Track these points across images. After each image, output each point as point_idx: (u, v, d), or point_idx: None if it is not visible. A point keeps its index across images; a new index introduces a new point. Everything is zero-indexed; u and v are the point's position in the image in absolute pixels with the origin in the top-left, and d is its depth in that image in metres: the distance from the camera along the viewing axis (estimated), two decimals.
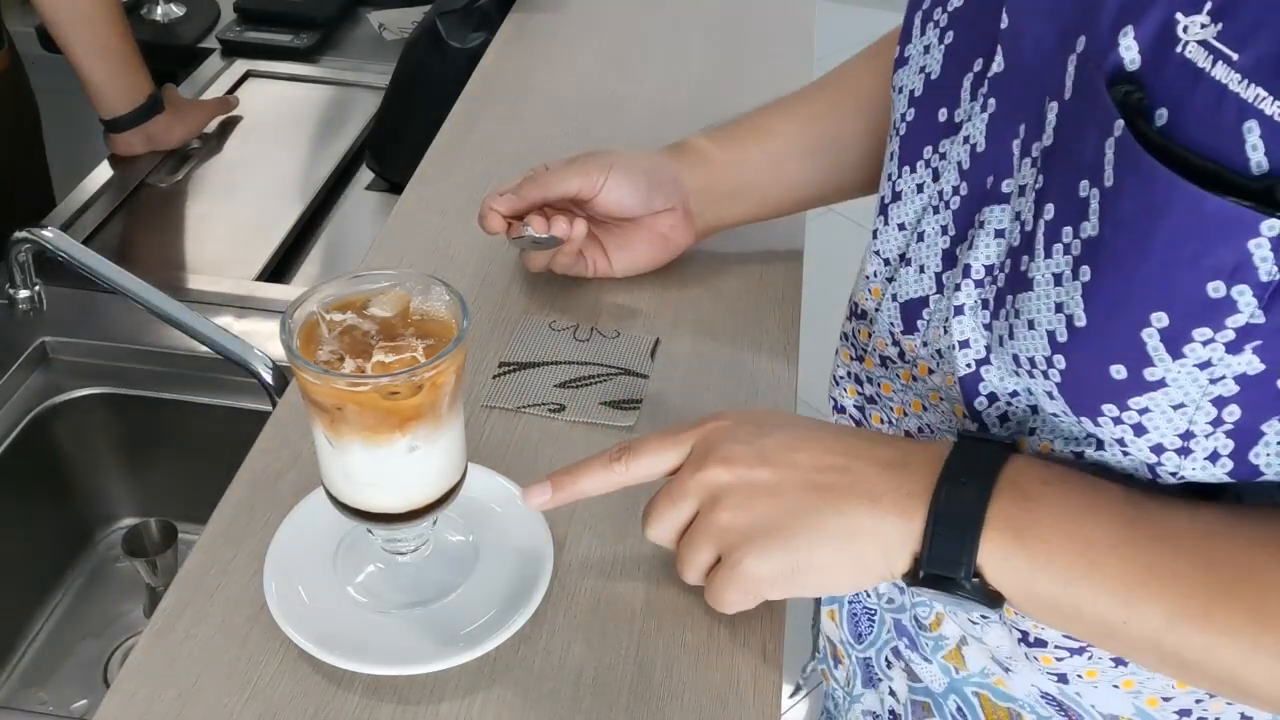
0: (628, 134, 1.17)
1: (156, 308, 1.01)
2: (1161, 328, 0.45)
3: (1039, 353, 0.51)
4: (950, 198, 0.58)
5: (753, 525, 0.55)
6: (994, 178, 0.55)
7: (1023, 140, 0.53)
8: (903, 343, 0.64)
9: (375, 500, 0.65)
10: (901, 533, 0.53)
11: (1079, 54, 0.49)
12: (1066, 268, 0.48)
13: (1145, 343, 0.46)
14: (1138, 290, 0.45)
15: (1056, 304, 0.49)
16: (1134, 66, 0.45)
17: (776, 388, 0.86)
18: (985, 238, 0.55)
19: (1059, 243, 0.49)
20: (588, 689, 0.65)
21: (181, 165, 1.42)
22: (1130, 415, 0.48)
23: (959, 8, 0.59)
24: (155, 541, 1.14)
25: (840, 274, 0.74)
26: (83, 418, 1.16)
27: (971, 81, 0.57)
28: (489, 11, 1.34)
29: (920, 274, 0.61)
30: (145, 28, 1.70)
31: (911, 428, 0.66)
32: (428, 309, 0.63)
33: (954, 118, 0.58)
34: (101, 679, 1.11)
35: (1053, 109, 0.50)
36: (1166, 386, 0.46)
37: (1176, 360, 0.45)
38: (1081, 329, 0.48)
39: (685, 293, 0.95)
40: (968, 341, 0.57)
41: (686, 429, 0.60)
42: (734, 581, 0.57)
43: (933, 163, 0.60)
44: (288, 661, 0.65)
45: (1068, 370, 0.50)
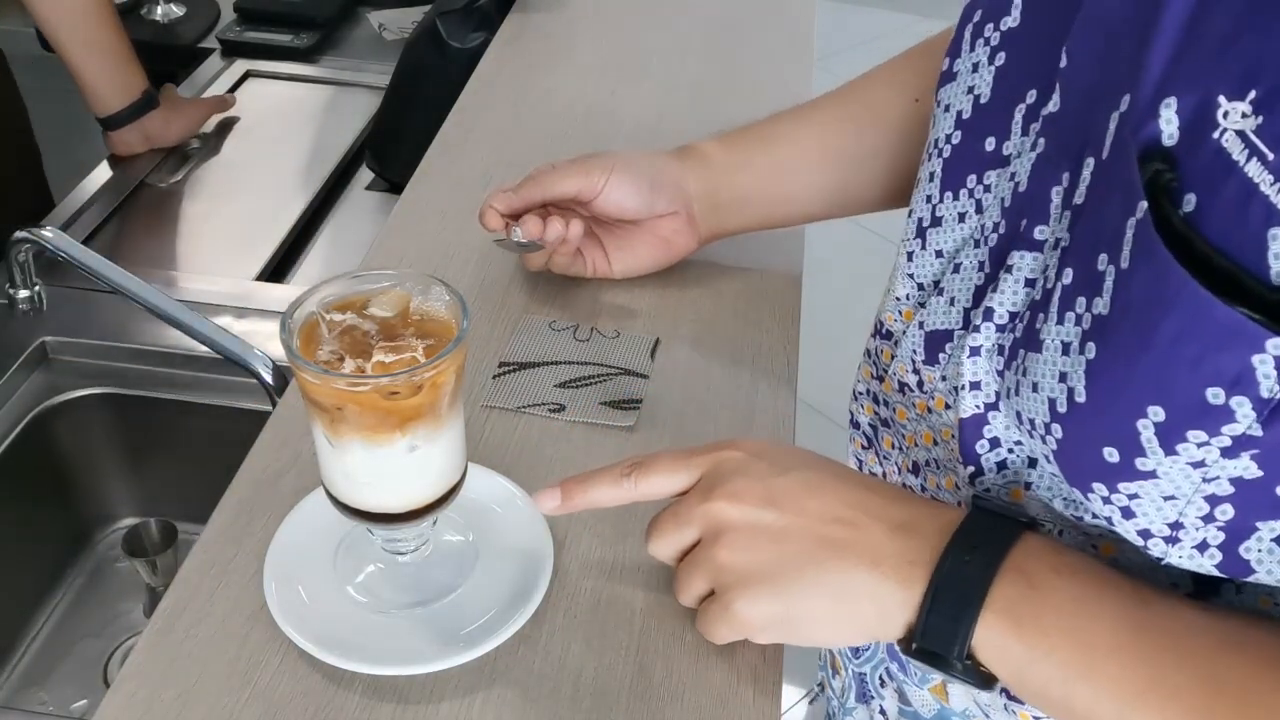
0: (628, 134, 1.17)
1: (156, 308, 1.00)
2: (1157, 422, 0.44)
3: (1039, 416, 0.50)
4: (990, 234, 0.57)
5: (750, 568, 0.55)
6: (1028, 221, 0.53)
7: (1064, 190, 0.51)
8: (923, 372, 0.63)
9: (375, 500, 0.65)
10: (899, 600, 0.51)
11: (1121, 113, 0.46)
12: (1075, 339, 0.47)
13: (1140, 433, 0.44)
14: (1137, 380, 0.44)
15: (1061, 373, 0.48)
16: (1171, 142, 0.42)
17: (776, 388, 0.86)
18: (1013, 283, 0.53)
19: (1072, 311, 0.47)
20: (588, 689, 0.65)
21: (181, 165, 1.42)
22: (1119, 498, 0.47)
23: (1013, 29, 0.57)
24: (155, 541, 1.14)
25: (840, 274, 0.74)
26: (83, 418, 1.16)
27: (1024, 115, 0.55)
28: (489, 11, 1.34)
29: (950, 306, 0.60)
30: (145, 28, 1.70)
31: (920, 459, 0.65)
32: (428, 309, 0.63)
33: (1002, 150, 0.56)
34: (101, 679, 1.11)
35: (1089, 165, 0.49)
36: (1158, 478, 0.45)
37: (1169, 456, 0.44)
38: (1080, 404, 0.47)
39: (685, 293, 0.95)
40: (979, 384, 0.56)
41: (700, 452, 0.59)
42: (724, 619, 0.57)
43: (976, 193, 0.58)
44: (288, 661, 0.65)
45: (1064, 441, 0.49)
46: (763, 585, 0.54)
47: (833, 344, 2.45)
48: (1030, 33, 0.56)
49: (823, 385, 2.18)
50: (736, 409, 0.84)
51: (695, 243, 0.90)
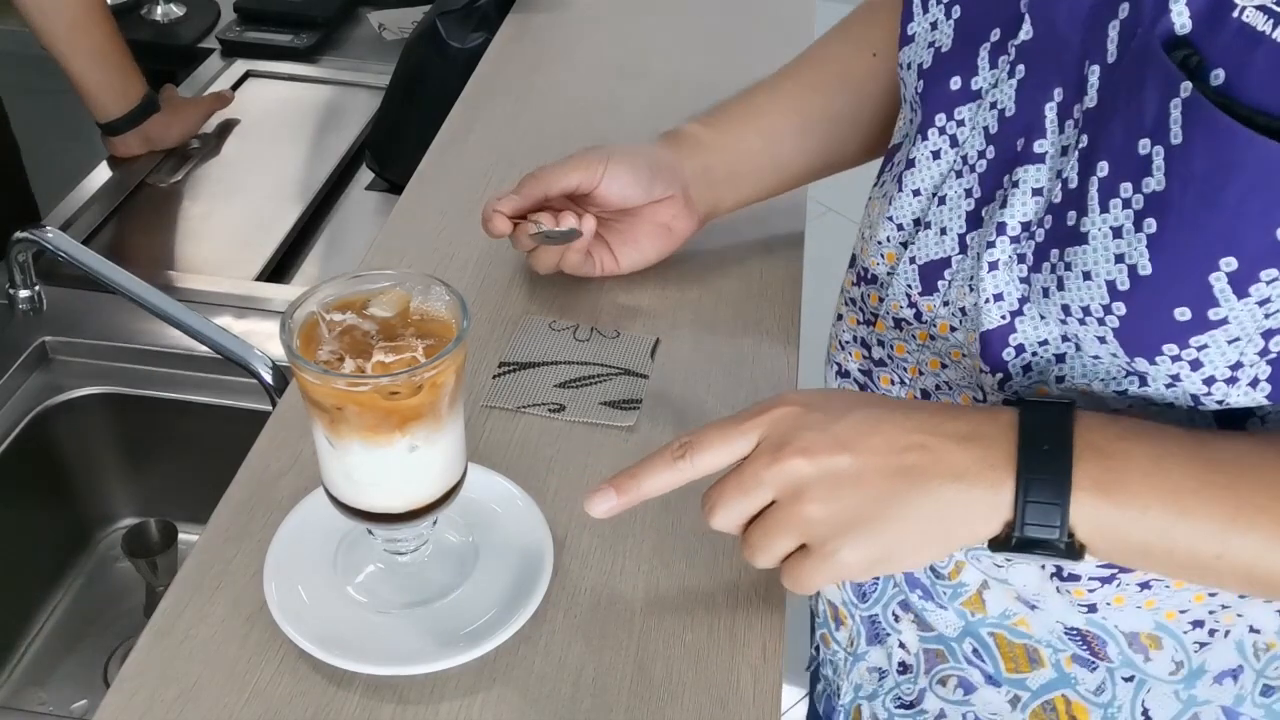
0: (628, 134, 1.16)
1: (156, 308, 1.00)
2: (1230, 271, 0.48)
3: (1095, 301, 0.53)
4: (975, 161, 0.60)
5: (842, 515, 0.55)
6: (1024, 140, 0.57)
7: (1059, 104, 0.56)
8: (920, 304, 0.65)
9: (375, 500, 0.65)
10: (990, 504, 0.53)
11: (1122, 20, 0.52)
12: (1127, 221, 0.51)
13: (1213, 286, 0.49)
14: (1208, 239, 0.48)
15: (1117, 255, 0.52)
16: (1185, 31, 0.48)
17: (777, 388, 0.86)
18: (1021, 196, 0.57)
19: (1117, 198, 0.51)
20: (588, 689, 0.65)
21: (181, 165, 1.42)
22: (1189, 353, 0.52)
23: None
24: (155, 541, 1.14)
25: (840, 274, 0.74)
26: (83, 418, 1.16)
27: (990, 50, 0.59)
28: (489, 11, 1.34)
29: (941, 236, 0.63)
30: (145, 28, 1.70)
31: (929, 386, 0.67)
32: (428, 309, 0.63)
33: (970, 85, 0.60)
34: (101, 679, 1.11)
35: (1094, 72, 0.53)
36: (1228, 324, 0.50)
37: (1241, 299, 0.49)
38: (1146, 277, 0.51)
39: (685, 293, 0.95)
40: (1001, 295, 0.59)
41: (749, 417, 0.59)
42: (825, 570, 0.57)
43: (949, 130, 0.62)
44: (288, 661, 0.65)
45: (1128, 316, 0.53)
46: (858, 528, 0.55)
47: None
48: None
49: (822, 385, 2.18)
50: (736, 409, 0.83)
51: (695, 224, 0.91)
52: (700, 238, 1.02)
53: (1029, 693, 0.69)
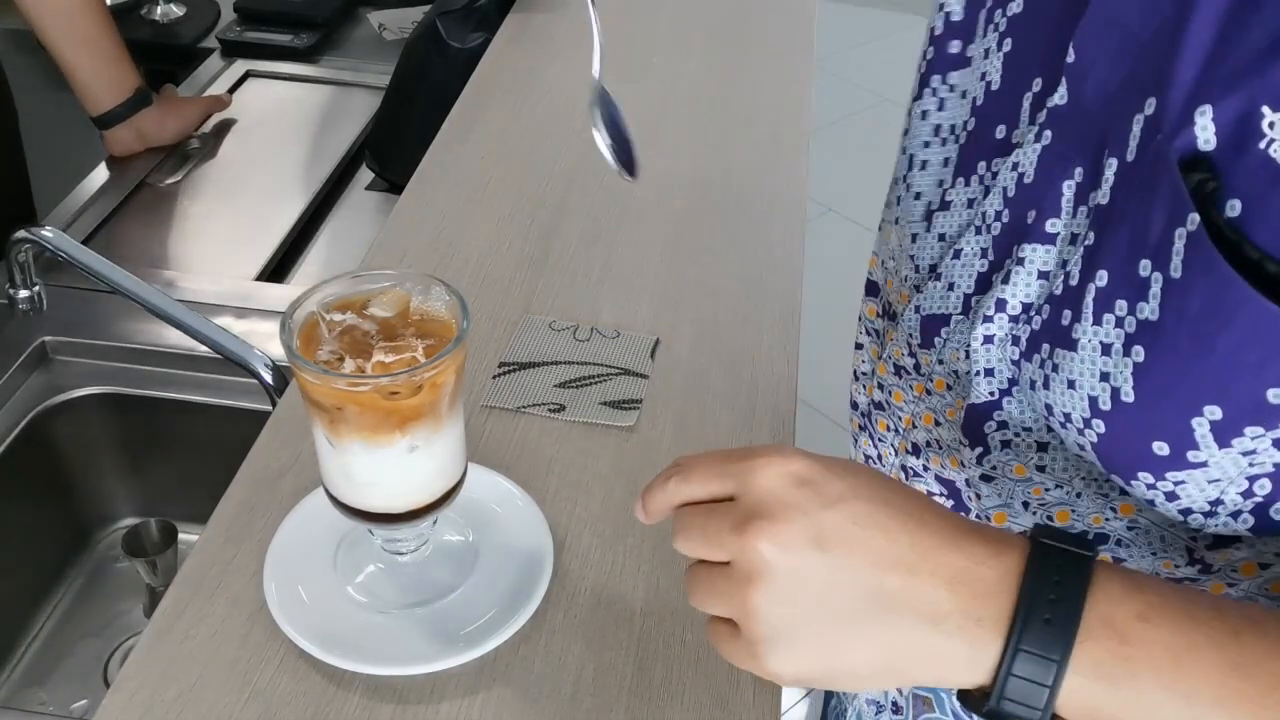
0: None
1: (156, 308, 1.00)
2: (1214, 420, 0.45)
3: (1076, 411, 0.50)
4: (992, 222, 0.57)
5: (788, 621, 0.48)
6: (1037, 214, 0.54)
7: (1077, 185, 0.52)
8: (919, 355, 0.63)
9: (375, 500, 0.65)
10: (965, 660, 0.47)
11: (1147, 116, 0.47)
12: (1117, 340, 0.47)
13: (1194, 430, 0.45)
14: (1194, 383, 0.45)
15: (1103, 372, 0.48)
16: (1208, 148, 0.44)
17: (776, 387, 0.86)
18: (1025, 276, 0.54)
19: (1111, 314, 0.48)
20: (588, 689, 0.65)
21: (181, 165, 1.42)
22: (1165, 485, 0.48)
23: (1018, 14, 0.57)
24: (155, 541, 1.14)
25: (840, 274, 0.74)
26: (83, 418, 1.15)
27: (1031, 103, 0.56)
28: (489, 11, 1.34)
29: (949, 291, 0.60)
30: (145, 28, 1.70)
31: (920, 440, 0.65)
32: (428, 309, 0.63)
33: (1011, 138, 0.57)
34: (101, 679, 1.11)
35: (1111, 165, 0.49)
36: (1207, 467, 0.46)
37: (1223, 449, 0.45)
38: (1128, 403, 0.47)
39: (685, 293, 0.95)
40: (992, 371, 0.56)
41: (739, 460, 0.51)
42: (747, 665, 0.50)
43: (985, 180, 0.59)
44: (288, 661, 0.65)
45: (1106, 435, 0.49)
46: (801, 642, 0.48)
47: (833, 344, 2.45)
48: (1034, 18, 0.56)
49: (823, 385, 2.18)
50: (736, 409, 0.84)
51: None
52: (700, 238, 1.02)
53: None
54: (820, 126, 2.92)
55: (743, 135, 1.19)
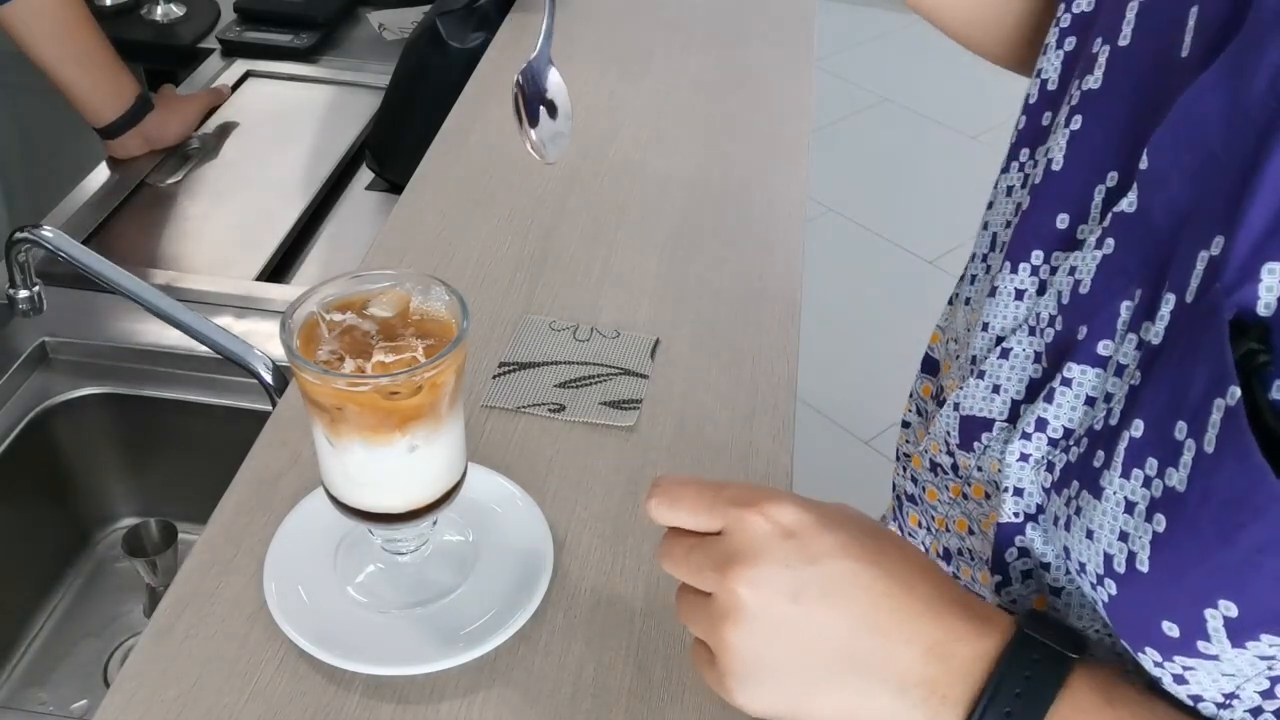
0: (628, 134, 1.17)
1: (156, 308, 1.00)
2: (1228, 616, 0.41)
3: (1091, 565, 0.46)
4: (1046, 327, 0.52)
5: (759, 661, 0.48)
6: (1089, 331, 0.49)
7: (1134, 307, 0.47)
8: (957, 456, 0.58)
9: (375, 500, 0.65)
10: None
11: (1212, 256, 0.42)
12: (1141, 501, 0.44)
13: (1207, 621, 0.42)
14: (1211, 570, 0.41)
15: (1123, 531, 0.44)
16: (1267, 312, 0.40)
17: (776, 387, 0.86)
18: (1071, 399, 0.50)
19: (1140, 470, 0.44)
20: (588, 689, 0.65)
21: (181, 165, 1.42)
22: (1173, 667, 0.44)
23: (1094, 90, 0.52)
24: (155, 541, 1.14)
25: (840, 274, 0.74)
26: (83, 418, 1.15)
27: (1104, 199, 0.51)
28: (489, 11, 1.34)
29: (993, 393, 0.55)
30: (145, 28, 1.70)
31: (951, 546, 0.61)
32: (428, 309, 0.63)
33: (1076, 232, 0.52)
34: (101, 679, 1.11)
35: (1169, 302, 0.45)
36: (1219, 661, 0.43)
37: (1236, 648, 0.42)
38: (1142, 573, 0.44)
39: (685, 293, 0.95)
40: (1022, 491, 0.52)
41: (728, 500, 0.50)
42: (718, 690, 0.51)
43: (1041, 273, 0.53)
44: (288, 661, 0.65)
45: (1117, 599, 0.45)
46: (768, 682, 0.49)
47: (833, 344, 2.45)
48: (1112, 100, 0.51)
49: (823, 385, 2.19)
50: (736, 409, 0.84)
51: None
52: (700, 238, 1.02)
53: None
54: (820, 126, 2.92)
55: (743, 135, 1.19)
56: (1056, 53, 0.56)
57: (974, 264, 0.61)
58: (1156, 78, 0.49)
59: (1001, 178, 0.60)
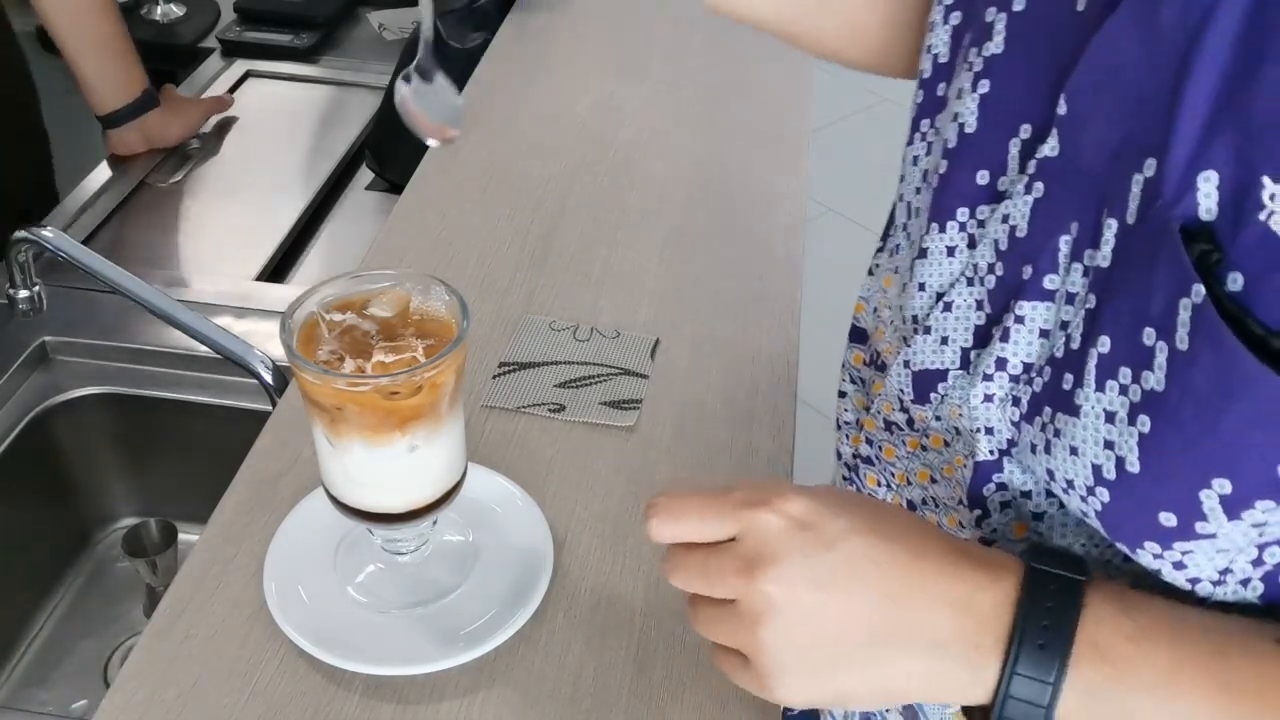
0: (628, 134, 1.17)
1: (156, 308, 1.00)
2: (1223, 494, 0.44)
3: (1079, 479, 0.49)
4: (985, 275, 0.55)
5: (795, 655, 0.50)
6: (1033, 270, 0.52)
7: (1073, 241, 0.50)
8: (913, 411, 0.60)
9: (375, 500, 0.65)
10: (964, 682, 0.48)
11: (1146, 178, 0.46)
12: (1122, 409, 0.46)
13: (1203, 502, 0.45)
14: (1202, 457, 0.44)
15: (1106, 441, 0.47)
16: (1209, 217, 0.43)
17: (776, 388, 0.86)
18: (1026, 334, 0.53)
19: (1114, 380, 0.47)
20: (588, 689, 0.65)
21: (181, 165, 1.42)
22: (1173, 555, 0.47)
23: (997, 55, 0.55)
24: (155, 541, 1.14)
25: (840, 274, 0.74)
26: (83, 418, 1.15)
27: (1020, 151, 0.54)
28: (489, 11, 1.34)
29: (942, 345, 0.58)
30: (145, 28, 1.70)
31: (915, 498, 0.63)
32: (428, 309, 0.63)
33: (997, 185, 0.55)
34: (101, 679, 1.11)
35: (1110, 227, 0.48)
36: (1216, 538, 0.46)
37: (1232, 520, 0.44)
38: (1133, 474, 0.46)
39: (685, 293, 0.95)
40: (992, 430, 0.55)
41: (734, 507, 0.52)
42: (758, 691, 0.52)
43: (969, 228, 0.56)
44: (288, 661, 0.65)
45: (1110, 504, 0.48)
46: (808, 673, 0.50)
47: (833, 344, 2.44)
48: (1016, 59, 0.54)
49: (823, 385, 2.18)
50: (736, 409, 0.84)
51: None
52: (700, 238, 1.02)
53: None
54: (820, 126, 2.92)
55: (743, 135, 1.19)
56: (944, 28, 0.60)
57: (895, 235, 0.64)
58: (1057, 34, 0.52)
59: (907, 150, 0.63)
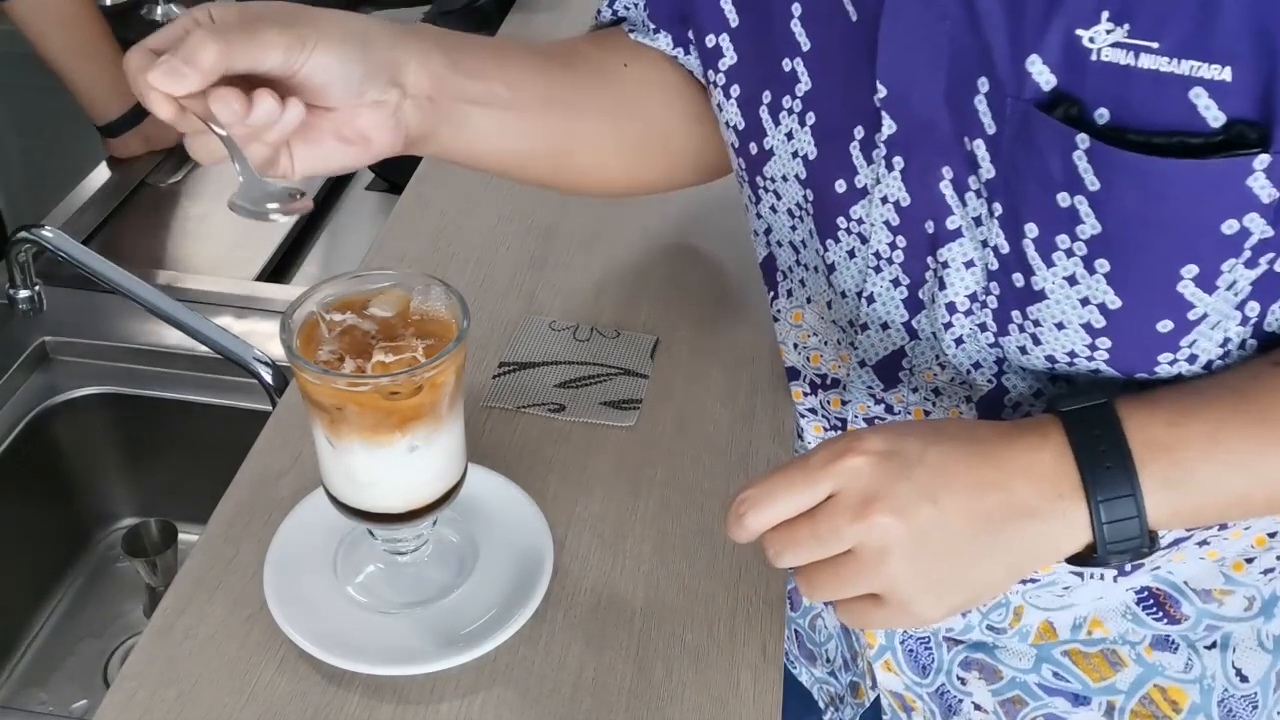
0: None
1: (156, 308, 1.00)
2: (1193, 275, 0.51)
3: (1078, 344, 0.55)
4: (890, 254, 0.61)
5: (928, 574, 0.53)
6: (934, 222, 0.58)
7: (953, 180, 0.57)
8: (888, 398, 0.66)
9: (375, 500, 0.65)
10: (1065, 530, 0.52)
11: (985, 94, 0.53)
12: (1077, 268, 0.53)
13: (1183, 294, 0.52)
14: (1163, 256, 0.51)
15: (1081, 299, 0.54)
16: (1051, 86, 0.50)
17: (776, 388, 0.86)
18: (956, 273, 0.58)
19: (1058, 251, 0.53)
20: (588, 689, 0.65)
21: (181, 165, 1.42)
22: (1183, 353, 0.54)
23: (810, 91, 0.62)
24: (155, 541, 1.14)
25: None
26: (83, 418, 1.15)
27: (860, 148, 0.60)
28: (489, 11, 1.34)
29: (884, 331, 0.63)
30: (145, 28, 1.70)
31: None
32: (428, 309, 0.63)
33: (854, 183, 0.61)
34: (101, 679, 1.11)
35: (979, 146, 0.54)
36: (1208, 316, 0.53)
37: (1212, 294, 0.52)
38: (1118, 309, 0.53)
39: (685, 293, 0.95)
40: (979, 363, 0.60)
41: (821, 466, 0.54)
42: (903, 621, 0.55)
43: (853, 229, 0.62)
44: (288, 661, 0.65)
45: (1115, 347, 0.55)
46: (944, 586, 0.53)
47: None
48: (825, 83, 0.61)
49: None
50: (736, 409, 0.84)
51: (397, 144, 0.66)
52: (700, 238, 1.02)
53: (1121, 695, 0.70)
54: None
55: None
56: (730, 102, 0.67)
57: (786, 280, 0.71)
58: (847, 46, 0.59)
59: (756, 208, 0.69)
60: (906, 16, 0.55)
